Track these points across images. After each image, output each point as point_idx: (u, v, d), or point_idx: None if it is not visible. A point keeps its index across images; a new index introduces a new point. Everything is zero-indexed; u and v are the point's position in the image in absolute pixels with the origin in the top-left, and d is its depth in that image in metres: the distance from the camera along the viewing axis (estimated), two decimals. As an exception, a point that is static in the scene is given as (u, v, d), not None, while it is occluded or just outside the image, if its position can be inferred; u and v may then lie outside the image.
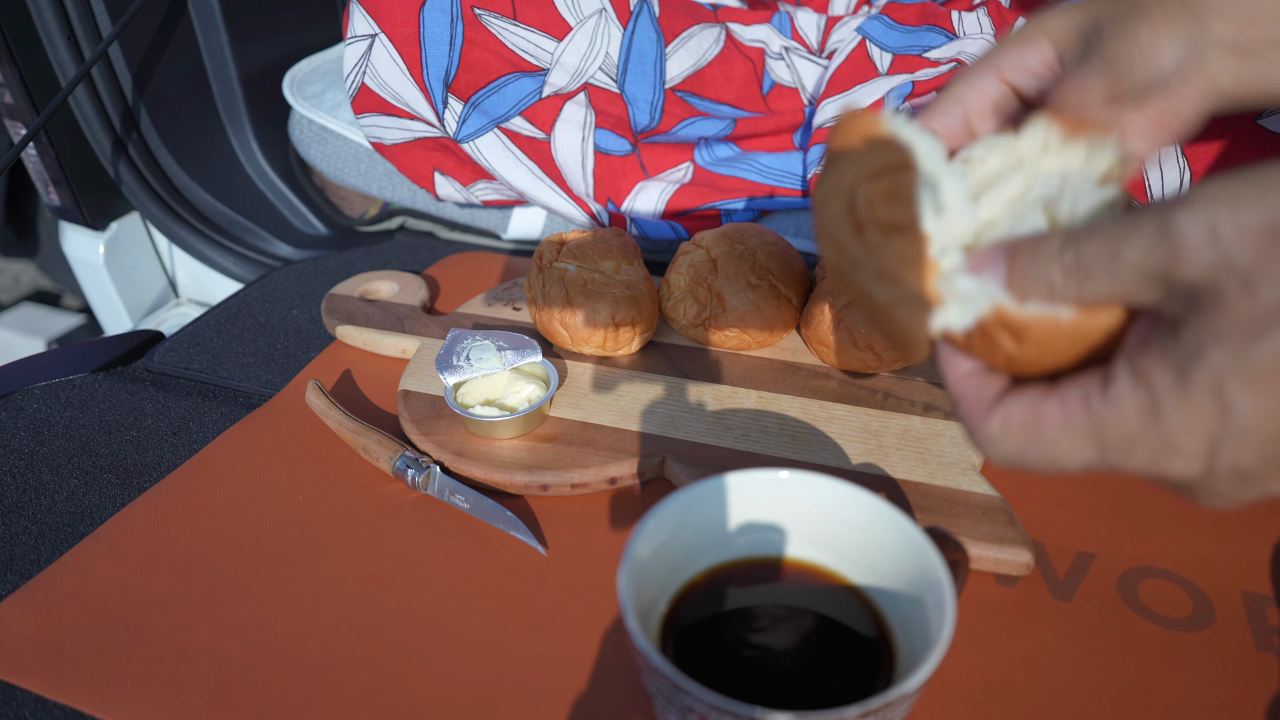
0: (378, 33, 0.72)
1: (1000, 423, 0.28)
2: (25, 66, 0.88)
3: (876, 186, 0.28)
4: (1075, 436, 0.26)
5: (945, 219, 0.29)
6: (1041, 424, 0.27)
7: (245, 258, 1.00)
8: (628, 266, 0.62)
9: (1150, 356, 0.25)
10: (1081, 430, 0.26)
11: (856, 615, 0.37)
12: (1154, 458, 0.25)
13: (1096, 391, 0.26)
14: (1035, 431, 0.27)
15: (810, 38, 0.81)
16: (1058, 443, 0.27)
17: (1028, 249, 0.27)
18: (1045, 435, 0.27)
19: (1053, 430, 0.27)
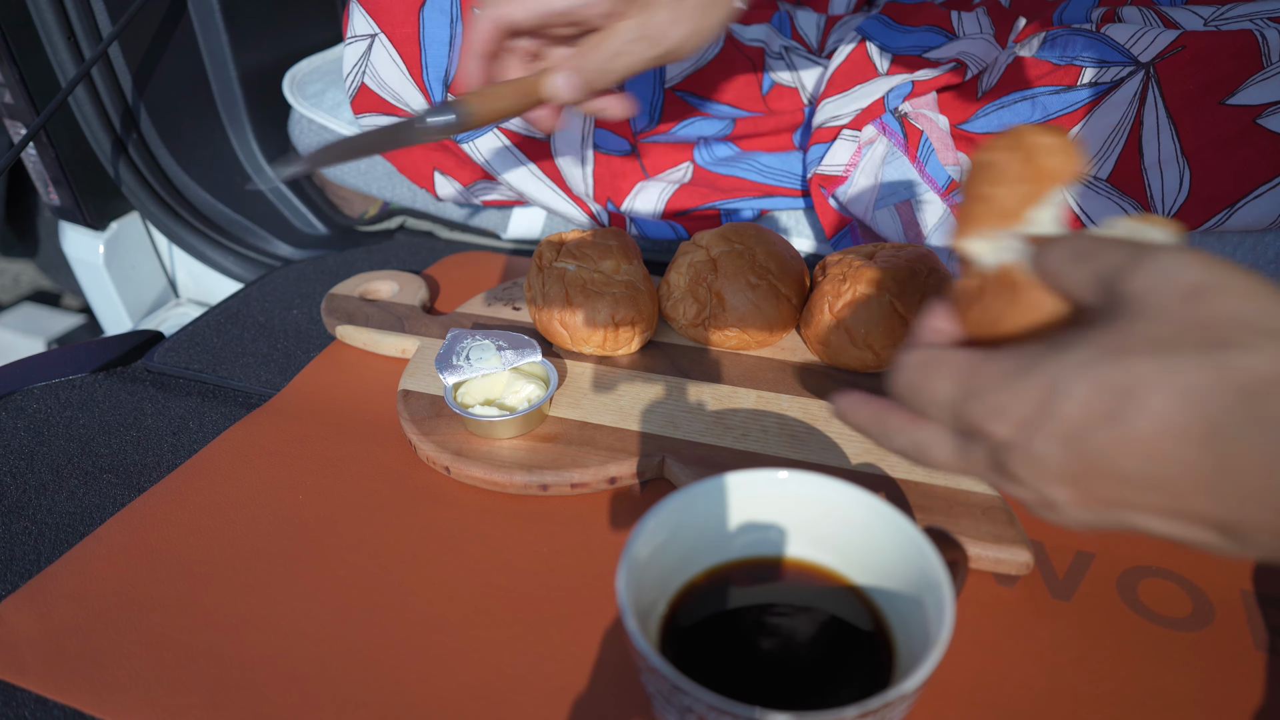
0: (377, 33, 0.72)
1: (914, 356, 0.32)
2: (25, 66, 0.88)
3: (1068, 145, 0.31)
4: (954, 373, 0.30)
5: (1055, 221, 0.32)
6: (937, 362, 0.31)
7: (245, 258, 1.00)
8: (628, 266, 0.62)
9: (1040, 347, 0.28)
10: (961, 370, 0.29)
11: (856, 615, 0.37)
12: (989, 412, 0.28)
13: (985, 351, 0.29)
14: (930, 366, 0.31)
15: (810, 37, 0.81)
16: (941, 373, 0.30)
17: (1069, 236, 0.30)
18: (936, 367, 0.30)
19: (945, 365, 0.30)
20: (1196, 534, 0.27)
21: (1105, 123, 0.61)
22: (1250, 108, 0.56)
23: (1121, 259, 0.27)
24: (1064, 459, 0.27)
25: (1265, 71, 0.55)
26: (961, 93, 0.69)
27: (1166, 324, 0.25)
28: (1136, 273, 0.27)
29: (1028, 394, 0.27)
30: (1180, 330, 0.25)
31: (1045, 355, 0.27)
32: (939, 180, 0.67)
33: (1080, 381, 0.26)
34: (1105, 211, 0.62)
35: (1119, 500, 0.27)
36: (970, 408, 0.29)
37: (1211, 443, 0.24)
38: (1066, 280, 0.29)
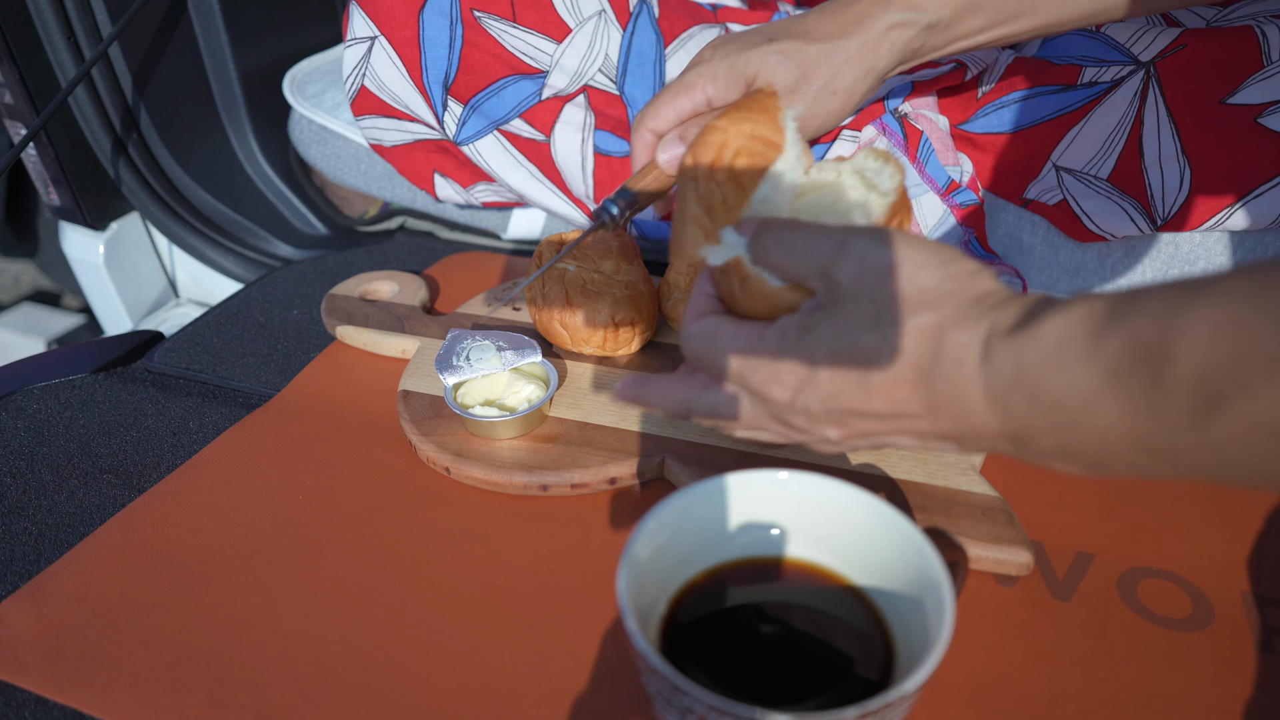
0: (377, 35, 0.72)
1: (698, 326, 0.39)
2: (25, 66, 0.88)
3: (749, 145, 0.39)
4: (734, 348, 0.38)
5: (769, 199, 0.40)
6: (719, 334, 0.38)
7: (245, 258, 1.00)
8: (628, 266, 0.62)
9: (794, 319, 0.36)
10: (740, 346, 0.37)
11: (856, 615, 0.37)
12: (766, 381, 0.37)
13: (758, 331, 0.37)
14: (712, 338, 0.38)
15: (810, 38, 0.81)
16: (723, 346, 0.38)
17: (770, 225, 0.38)
18: (717, 342, 0.38)
19: (723, 340, 0.38)
20: (934, 444, 0.36)
21: (1105, 122, 0.61)
22: (1251, 107, 0.56)
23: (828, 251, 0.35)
24: (829, 412, 0.36)
25: (1265, 70, 0.55)
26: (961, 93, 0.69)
27: (875, 301, 0.34)
28: (842, 263, 0.35)
29: (794, 367, 0.36)
30: (884, 304, 0.34)
31: (800, 336, 0.35)
32: (939, 180, 0.67)
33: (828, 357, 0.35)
34: (1106, 211, 0.62)
35: (874, 431, 0.36)
36: (751, 377, 0.37)
37: (920, 383, 0.33)
38: (787, 270, 0.37)
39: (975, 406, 0.32)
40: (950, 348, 0.32)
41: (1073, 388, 0.29)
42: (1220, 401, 0.26)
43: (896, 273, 0.34)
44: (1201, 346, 0.26)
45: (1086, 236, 0.64)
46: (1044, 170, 0.64)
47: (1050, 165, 0.64)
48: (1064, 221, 0.65)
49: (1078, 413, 0.29)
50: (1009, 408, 0.31)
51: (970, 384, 0.32)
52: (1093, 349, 0.29)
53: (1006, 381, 0.31)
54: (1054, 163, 0.64)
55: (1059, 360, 0.29)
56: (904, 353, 0.33)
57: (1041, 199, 0.66)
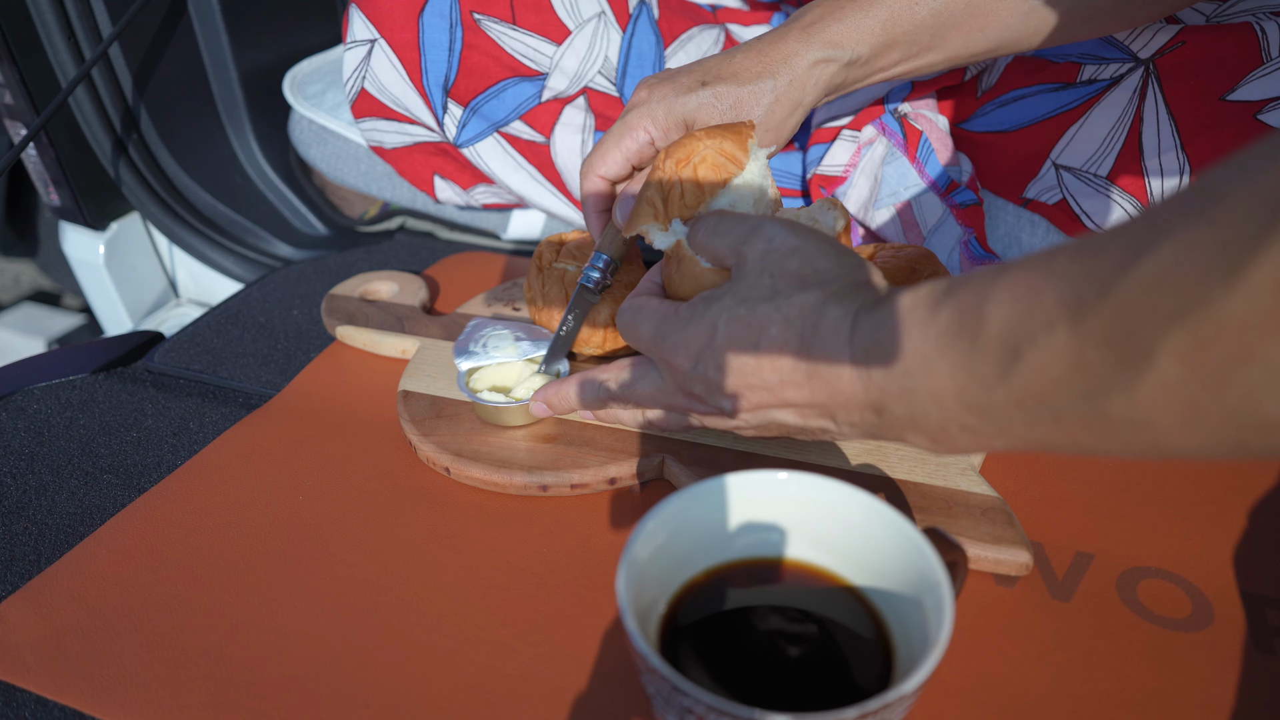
0: (377, 38, 0.72)
1: (630, 302, 0.45)
2: (25, 66, 0.88)
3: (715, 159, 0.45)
4: (652, 319, 0.42)
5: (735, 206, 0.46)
6: (643, 308, 0.43)
7: (245, 258, 1.00)
8: (628, 267, 0.62)
9: (703, 295, 0.40)
10: (657, 318, 0.42)
11: (855, 616, 0.37)
12: (672, 350, 0.40)
13: (674, 305, 0.41)
14: (637, 312, 0.43)
15: (810, 37, 0.81)
16: (644, 319, 0.42)
17: (708, 214, 0.42)
18: (641, 313, 0.43)
19: (645, 313, 0.43)
20: (813, 420, 0.38)
21: (1105, 120, 0.61)
22: (1250, 103, 0.56)
23: (744, 232, 0.39)
24: (725, 377, 0.39)
25: (1265, 67, 0.55)
26: (961, 93, 0.69)
27: (775, 276, 0.37)
28: (754, 241, 0.39)
29: (698, 334, 0.39)
30: (782, 279, 0.37)
31: (706, 305, 0.39)
32: (939, 180, 0.67)
33: (727, 323, 0.38)
34: (1105, 208, 0.62)
35: (763, 403, 0.39)
36: (661, 345, 0.41)
37: (802, 352, 0.36)
38: (710, 250, 0.41)
39: (844, 374, 0.35)
40: (828, 320, 0.36)
41: (913, 351, 0.33)
42: (1017, 355, 0.29)
43: (797, 254, 0.38)
44: (1004, 307, 0.30)
45: (1086, 236, 0.64)
46: (1043, 169, 0.64)
47: (1050, 164, 0.64)
48: (1063, 221, 0.65)
49: (918, 375, 0.33)
50: (870, 376, 0.35)
51: (840, 353, 0.35)
52: (930, 316, 0.32)
53: (867, 350, 0.34)
54: (1053, 161, 0.64)
55: (905, 327, 0.33)
56: (791, 322, 0.36)
57: (1041, 198, 0.66)
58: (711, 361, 0.39)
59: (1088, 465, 0.53)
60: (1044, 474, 0.52)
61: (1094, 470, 0.52)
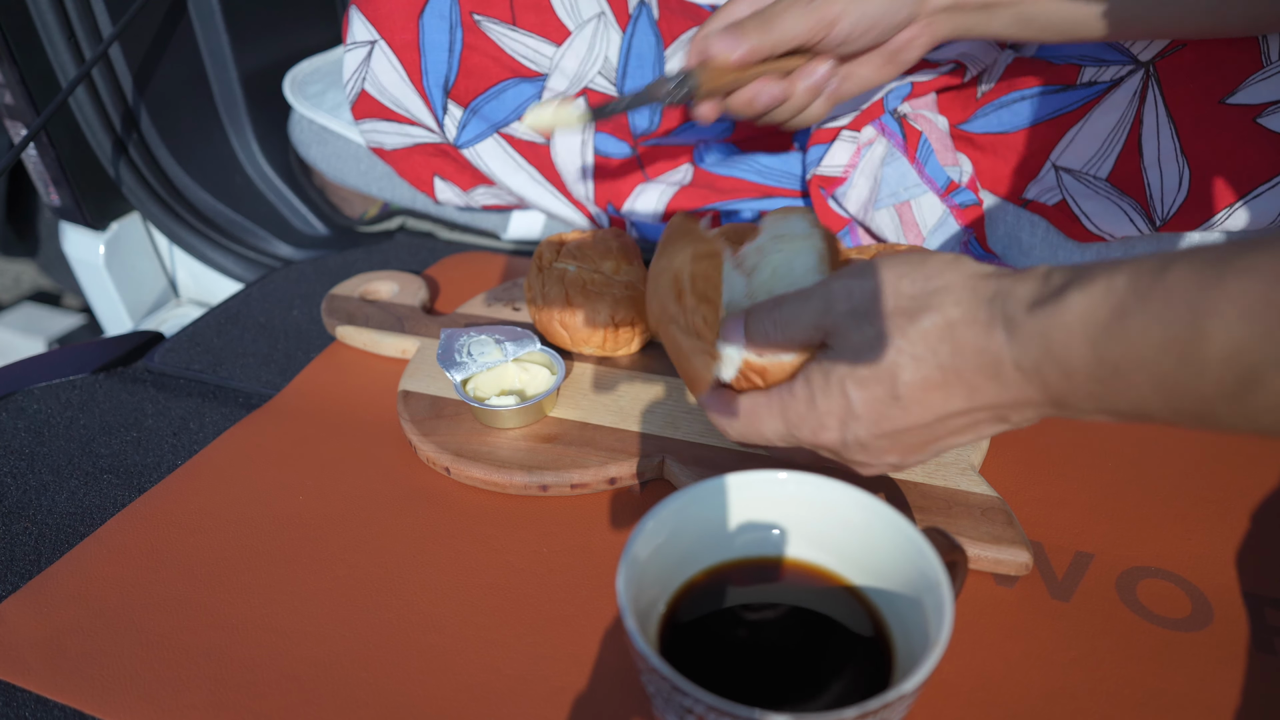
0: (377, 39, 0.72)
1: (737, 412, 0.42)
2: (25, 67, 0.88)
3: (697, 267, 0.41)
4: (773, 417, 0.40)
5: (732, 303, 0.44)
6: (755, 411, 0.41)
7: (245, 258, 1.00)
8: (628, 267, 0.62)
9: (814, 367, 0.38)
10: (776, 413, 0.40)
11: (855, 615, 0.37)
12: (814, 430, 0.39)
13: (786, 388, 0.40)
14: (751, 416, 0.41)
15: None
16: (764, 420, 0.40)
17: (754, 315, 0.40)
18: (757, 417, 0.41)
19: (761, 413, 0.40)
20: (985, 430, 0.37)
21: (1105, 122, 0.61)
22: (1250, 107, 0.56)
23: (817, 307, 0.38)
24: (879, 436, 0.37)
25: (1265, 70, 0.55)
26: (961, 94, 0.69)
27: (874, 324, 0.36)
28: (833, 309, 0.37)
29: (830, 408, 0.38)
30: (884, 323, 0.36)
31: (825, 376, 0.37)
32: (938, 181, 0.67)
33: (855, 385, 0.37)
34: (1105, 212, 0.62)
35: (926, 441, 0.38)
36: (801, 433, 0.39)
37: (949, 380, 0.35)
38: (790, 344, 0.39)
39: (1011, 382, 0.33)
40: (967, 338, 0.34)
41: (1104, 363, 0.30)
42: (1255, 380, 0.27)
43: (881, 293, 0.36)
44: (1233, 327, 0.27)
45: (1085, 237, 0.64)
46: (1043, 170, 0.64)
47: (1049, 165, 0.64)
48: (1063, 222, 0.65)
49: (1111, 384, 0.30)
50: (1045, 381, 0.32)
51: (1001, 363, 0.33)
52: (1120, 328, 0.29)
53: (1036, 358, 0.32)
54: (1053, 163, 0.64)
55: (1088, 337, 0.30)
56: (921, 358, 0.35)
57: (1041, 199, 0.66)
58: (858, 426, 0.37)
59: (1088, 465, 0.53)
60: (1044, 474, 0.52)
61: (1094, 470, 0.53)
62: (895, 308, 0.35)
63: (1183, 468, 0.52)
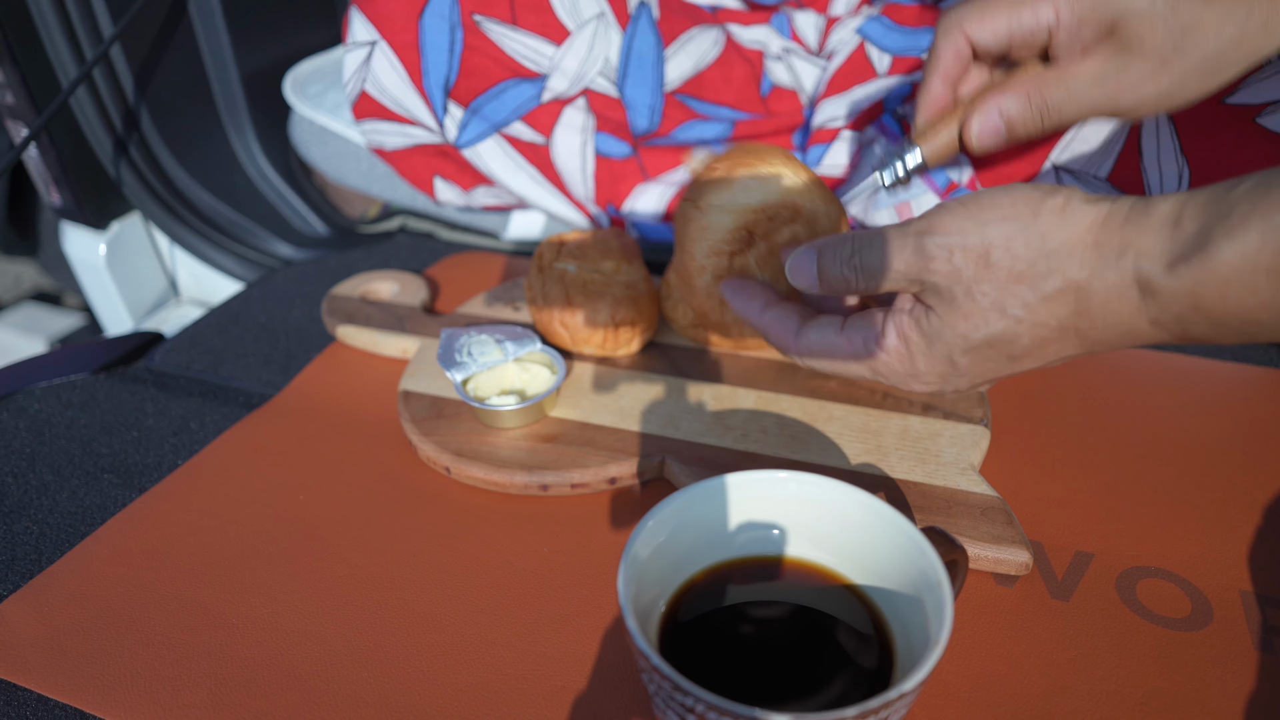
0: (378, 40, 0.72)
1: (806, 343, 0.41)
2: (26, 66, 0.88)
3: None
4: (858, 362, 0.40)
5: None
6: (835, 350, 0.40)
7: (246, 258, 1.00)
8: (628, 267, 0.62)
9: (910, 325, 0.38)
10: (862, 359, 0.40)
11: (856, 615, 0.37)
12: (904, 380, 0.39)
13: (873, 339, 0.39)
14: (830, 355, 0.40)
15: (809, 39, 0.81)
16: (845, 364, 0.40)
17: (828, 254, 0.39)
18: (839, 357, 0.40)
19: (843, 354, 0.40)
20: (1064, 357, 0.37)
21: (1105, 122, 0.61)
22: (1250, 107, 0.56)
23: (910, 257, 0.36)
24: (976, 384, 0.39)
25: (1265, 70, 0.55)
26: (961, 93, 0.69)
27: (988, 291, 0.34)
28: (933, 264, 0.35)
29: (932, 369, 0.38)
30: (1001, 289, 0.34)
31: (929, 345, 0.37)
32: (938, 181, 0.67)
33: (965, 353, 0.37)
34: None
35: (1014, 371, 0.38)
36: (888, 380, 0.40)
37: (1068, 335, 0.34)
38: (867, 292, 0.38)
39: (1141, 333, 0.33)
40: (1096, 302, 0.33)
41: (1268, 305, 0.29)
42: None
43: (991, 258, 0.34)
44: None
45: (1086, 237, 0.64)
46: (1043, 170, 0.64)
47: (1049, 165, 0.64)
48: (1064, 222, 0.65)
49: (1273, 324, 0.30)
50: (1185, 331, 0.32)
51: (1134, 319, 0.32)
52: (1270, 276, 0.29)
53: (1180, 314, 0.31)
54: (1053, 163, 0.64)
55: (1249, 286, 0.29)
56: (1044, 323, 0.34)
57: (1041, 199, 0.66)
58: (959, 380, 0.38)
59: (1088, 465, 0.53)
60: (1044, 474, 0.52)
61: (1094, 470, 0.53)
62: (1010, 272, 0.34)
63: (1183, 468, 0.53)
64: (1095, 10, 0.39)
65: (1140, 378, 0.60)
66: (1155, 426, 0.56)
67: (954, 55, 0.43)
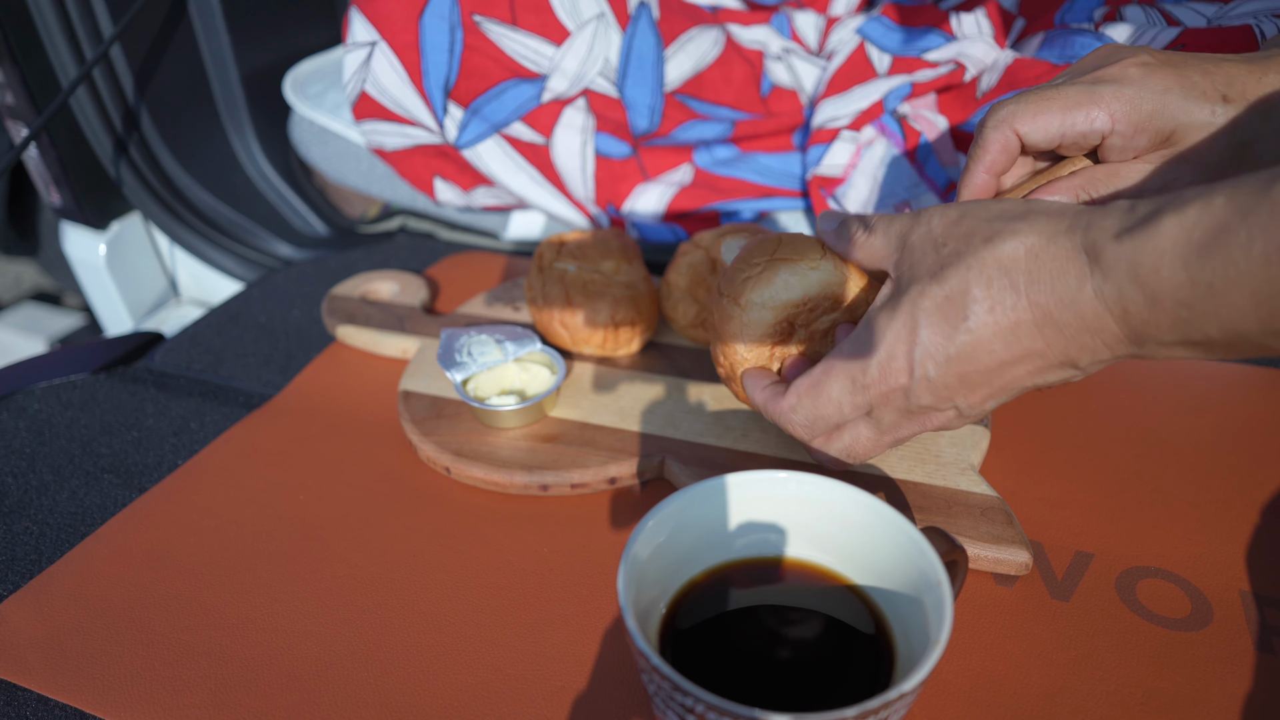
0: (378, 40, 0.72)
1: (792, 398, 0.41)
2: (26, 66, 0.88)
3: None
4: (838, 379, 0.39)
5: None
6: (817, 385, 0.40)
7: (246, 258, 1.00)
8: (628, 267, 0.62)
9: (878, 311, 0.38)
10: (839, 372, 0.38)
11: (856, 615, 0.37)
12: (880, 375, 0.37)
13: (844, 344, 0.39)
14: (815, 390, 0.40)
15: (809, 39, 0.81)
16: (830, 389, 0.39)
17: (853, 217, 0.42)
18: (822, 390, 0.39)
19: (827, 384, 0.39)
20: (1053, 375, 0.36)
21: (1104, 123, 0.61)
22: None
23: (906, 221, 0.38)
24: (949, 372, 0.36)
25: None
26: (961, 94, 0.69)
27: (948, 243, 0.35)
28: (917, 226, 0.37)
29: (897, 341, 0.36)
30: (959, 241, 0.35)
31: (890, 314, 0.37)
32: (938, 181, 0.67)
33: (925, 313, 0.35)
34: (1105, 212, 0.62)
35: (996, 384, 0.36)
36: (866, 385, 0.38)
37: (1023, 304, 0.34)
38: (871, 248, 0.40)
39: (1089, 313, 0.32)
40: (1045, 264, 0.33)
41: (1197, 284, 0.29)
42: None
43: (962, 220, 0.36)
44: None
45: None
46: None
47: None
48: (1063, 222, 0.65)
49: (1202, 307, 0.29)
50: (1126, 310, 0.31)
51: (1080, 288, 0.32)
52: (1218, 245, 0.29)
53: (1120, 284, 0.31)
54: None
55: (1180, 258, 0.29)
56: (993, 280, 0.34)
57: (1041, 199, 0.66)
58: (929, 361, 0.36)
59: (1088, 465, 0.53)
60: (1044, 474, 0.52)
61: (1094, 470, 0.53)
62: (970, 230, 0.35)
63: (1183, 468, 0.53)
64: (1153, 120, 0.39)
65: (1140, 378, 0.60)
66: (1155, 426, 0.56)
67: (1001, 148, 0.43)
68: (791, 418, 0.41)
